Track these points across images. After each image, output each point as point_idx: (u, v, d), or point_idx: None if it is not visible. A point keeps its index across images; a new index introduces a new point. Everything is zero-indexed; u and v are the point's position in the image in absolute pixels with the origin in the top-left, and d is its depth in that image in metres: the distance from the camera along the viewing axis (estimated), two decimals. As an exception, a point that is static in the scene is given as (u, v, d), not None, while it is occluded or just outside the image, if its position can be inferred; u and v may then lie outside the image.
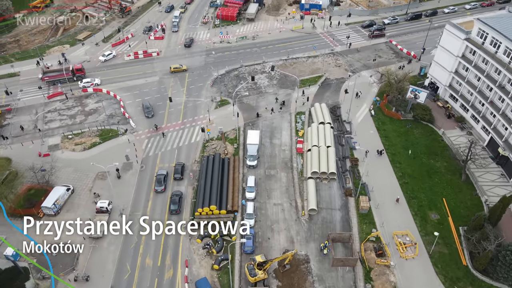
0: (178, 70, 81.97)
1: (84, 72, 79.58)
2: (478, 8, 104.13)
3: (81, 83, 77.74)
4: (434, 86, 75.33)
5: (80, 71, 78.96)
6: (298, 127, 68.86)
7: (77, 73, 78.68)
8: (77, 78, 78.62)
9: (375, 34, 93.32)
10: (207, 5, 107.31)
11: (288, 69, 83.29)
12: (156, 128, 67.56)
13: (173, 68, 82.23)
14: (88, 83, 77.87)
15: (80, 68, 79.30)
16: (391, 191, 57.36)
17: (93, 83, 77.95)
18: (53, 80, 78.03)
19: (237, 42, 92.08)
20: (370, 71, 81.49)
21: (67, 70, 78.40)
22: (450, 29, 68.26)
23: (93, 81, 78.38)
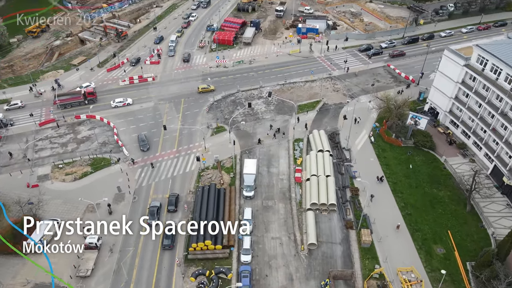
0: (206, 90, 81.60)
1: (96, 95, 78.97)
2: (475, 32, 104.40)
3: (113, 103, 77.47)
4: (434, 112, 74.04)
5: (92, 94, 78.32)
6: (296, 155, 66.97)
7: (88, 96, 77.96)
8: (89, 102, 77.78)
9: (395, 54, 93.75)
10: (204, 29, 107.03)
11: (286, 94, 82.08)
12: (133, 162, 64.20)
13: (201, 88, 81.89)
14: (121, 103, 77.55)
15: (92, 91, 78.55)
16: (393, 223, 55.03)
17: (125, 103, 77.61)
18: (64, 104, 77.07)
19: (233, 67, 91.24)
20: (368, 96, 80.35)
21: (79, 93, 77.76)
22: (448, 55, 67.45)
23: (125, 101, 77.92)
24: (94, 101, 78.54)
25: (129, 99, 78.92)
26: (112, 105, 77.60)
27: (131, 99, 79.08)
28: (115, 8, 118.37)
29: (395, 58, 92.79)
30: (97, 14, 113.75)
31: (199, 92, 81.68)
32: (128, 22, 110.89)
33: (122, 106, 77.40)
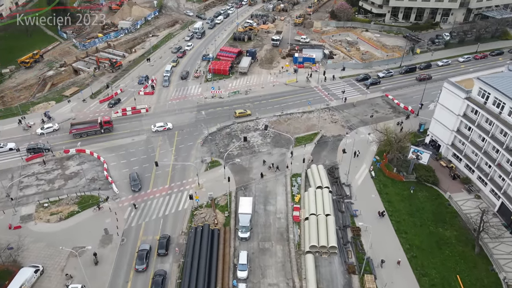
0: (243, 114, 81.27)
1: (112, 124, 77.39)
2: (472, 61, 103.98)
3: (154, 127, 76.89)
4: (436, 144, 71.87)
5: (108, 123, 76.85)
6: (294, 191, 64.03)
7: (105, 125, 76.53)
8: (105, 131, 76.48)
9: (422, 78, 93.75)
10: (199, 59, 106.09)
11: (283, 126, 79.92)
12: (98, 208, 60.01)
13: (238, 113, 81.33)
14: (161, 127, 77.02)
15: (109, 120, 77.00)
16: (399, 268, 51.61)
17: (166, 127, 77.11)
18: (80, 133, 75.53)
19: (229, 97, 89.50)
20: (367, 127, 78.32)
21: (95, 122, 76.54)
22: (449, 87, 65.87)
23: (166, 125, 77.31)
24: (110, 130, 77.00)
25: (169, 123, 78.31)
26: (153, 130, 77.18)
27: (171, 124, 78.30)
28: (111, 37, 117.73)
29: (422, 82, 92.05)
30: (92, 44, 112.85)
31: (236, 116, 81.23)
32: (123, 52, 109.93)
33: (163, 130, 77.05)
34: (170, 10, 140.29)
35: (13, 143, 73.70)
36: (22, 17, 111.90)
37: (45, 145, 72.57)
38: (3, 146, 72.88)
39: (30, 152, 71.15)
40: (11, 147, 72.62)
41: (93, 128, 76.08)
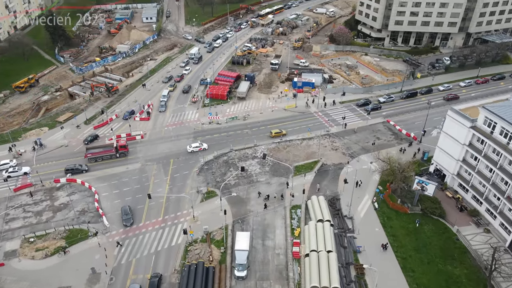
0: (279, 134, 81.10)
1: (128, 149, 76.40)
2: (473, 86, 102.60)
3: (189, 148, 76.57)
4: (441, 174, 69.24)
5: (124, 147, 75.61)
6: (294, 225, 60.93)
7: (120, 149, 75.21)
8: (120, 155, 75.22)
9: (450, 98, 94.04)
10: (197, 83, 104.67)
11: (282, 153, 77.45)
12: (64, 252, 55.55)
13: (274, 133, 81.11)
14: (196, 148, 76.58)
15: (125, 144, 75.83)
16: (406, 311, 48.16)
17: (201, 148, 76.70)
18: (95, 157, 73.86)
19: (227, 123, 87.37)
20: (369, 155, 75.83)
21: (110, 146, 75.54)
22: (453, 116, 63.75)
23: (202, 146, 77.00)
24: (126, 154, 75.93)
25: (205, 144, 77.91)
26: (189, 150, 76.69)
27: (206, 144, 77.72)
28: (108, 61, 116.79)
29: (450, 102, 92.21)
30: (89, 68, 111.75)
31: (272, 136, 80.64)
32: (120, 76, 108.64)
33: (198, 150, 76.53)
34: (169, 34, 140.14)
35: (28, 167, 72.23)
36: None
37: (83, 166, 72.05)
38: (18, 170, 71.44)
39: (68, 172, 70.46)
40: (26, 171, 71.32)
41: (108, 152, 74.85)
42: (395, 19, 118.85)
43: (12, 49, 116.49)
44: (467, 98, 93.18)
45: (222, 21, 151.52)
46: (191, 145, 77.65)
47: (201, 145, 77.57)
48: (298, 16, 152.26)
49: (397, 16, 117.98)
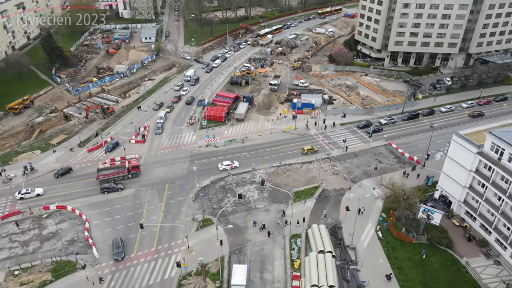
0: (311, 151, 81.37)
1: (140, 169, 75.15)
2: (475, 107, 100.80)
3: (221, 166, 76.38)
4: (446, 200, 66.53)
5: (136, 168, 74.68)
6: (294, 256, 57.85)
7: (133, 170, 74.19)
8: (132, 176, 74.14)
9: (475, 115, 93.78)
10: (195, 104, 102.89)
11: (281, 178, 74.85)
12: None
13: (307, 149, 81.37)
14: (228, 165, 76.48)
15: (137, 165, 74.97)
16: None
17: (233, 165, 76.51)
18: (107, 179, 72.02)
19: (224, 146, 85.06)
20: (371, 180, 73.23)
21: (123, 167, 74.18)
22: (458, 141, 61.53)
23: (233, 164, 76.75)
24: (138, 174, 74.79)
25: (236, 162, 77.33)
26: (220, 168, 76.21)
27: (237, 162, 77.23)
28: (105, 82, 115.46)
29: (476, 119, 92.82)
30: (86, 88, 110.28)
31: (304, 153, 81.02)
32: (117, 96, 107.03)
33: (230, 168, 76.06)
34: (167, 54, 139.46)
35: (41, 189, 70.56)
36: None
37: (118, 185, 71.49)
38: (31, 191, 69.85)
39: (104, 191, 70.20)
40: (39, 193, 69.86)
41: (121, 173, 73.38)
42: (394, 40, 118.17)
43: (8, 70, 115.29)
44: (492, 115, 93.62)
45: (221, 41, 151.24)
46: (222, 163, 77.22)
47: (233, 163, 77.18)
48: (297, 36, 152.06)
49: (397, 36, 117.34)
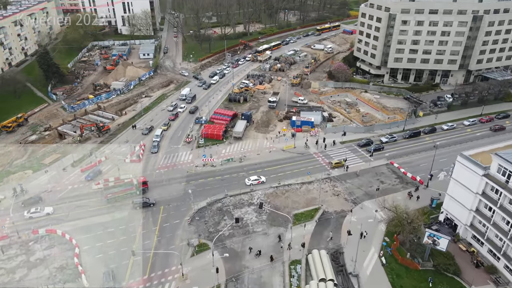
0: (339, 165, 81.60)
1: (148, 185, 75.05)
2: (478, 124, 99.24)
3: (248, 181, 76.14)
4: (452, 223, 64.04)
5: (145, 184, 74.67)
6: (294, 284, 55.00)
7: (141, 186, 73.63)
8: (140, 192, 73.48)
9: (497, 129, 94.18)
10: (192, 122, 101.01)
11: (280, 199, 72.40)
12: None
13: (335, 163, 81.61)
14: (255, 181, 76.26)
15: (145, 181, 75.24)
16: None
17: (260, 180, 76.14)
18: (116, 197, 71.09)
19: (222, 165, 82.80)
20: (373, 201, 70.86)
21: (131, 184, 74.02)
22: (463, 162, 59.43)
23: (260, 179, 76.39)
24: (146, 191, 74.29)
25: (262, 176, 76.95)
26: (248, 183, 75.86)
27: (265, 178, 76.95)
28: (102, 99, 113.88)
29: (497, 132, 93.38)
30: (82, 105, 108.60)
31: (333, 167, 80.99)
32: (113, 114, 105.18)
33: (257, 184, 75.73)
34: (165, 70, 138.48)
35: (50, 208, 68.87)
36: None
37: (150, 200, 71.08)
38: (40, 210, 68.22)
39: (136, 207, 69.76)
40: (48, 212, 68.24)
41: (128, 190, 72.73)
42: (394, 56, 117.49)
43: (4, 86, 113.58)
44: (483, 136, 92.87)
45: (220, 57, 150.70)
46: (249, 178, 76.65)
47: (260, 178, 76.58)
48: (296, 52, 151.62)
49: (396, 53, 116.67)
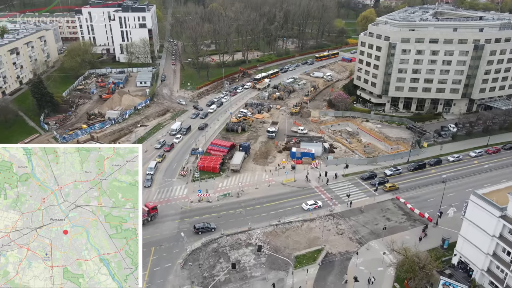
0: (393, 188, 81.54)
1: (157, 210, 73.88)
2: (484, 156, 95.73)
3: (306, 206, 75.66)
4: (467, 268, 59.11)
5: (155, 209, 73.43)
6: None
7: (152, 212, 72.64)
8: (152, 218, 72.07)
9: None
10: (188, 153, 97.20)
11: (280, 239, 67.64)
12: None
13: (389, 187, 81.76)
14: (313, 205, 75.84)
15: (155, 206, 74.11)
16: None
17: (317, 205, 75.92)
18: None
19: (218, 201, 78.39)
20: (380, 241, 66.18)
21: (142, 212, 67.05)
22: (477, 202, 55.24)
23: (317, 203, 76.28)
24: (155, 216, 73.27)
25: (319, 201, 76.77)
26: (305, 208, 75.15)
27: (321, 202, 76.94)
28: (96, 128, 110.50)
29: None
30: (74, 136, 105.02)
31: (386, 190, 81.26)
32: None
33: (315, 208, 75.40)
34: (162, 98, 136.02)
35: None
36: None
37: (211, 225, 70.02)
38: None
39: (199, 231, 68.69)
40: None
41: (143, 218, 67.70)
42: (395, 85, 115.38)
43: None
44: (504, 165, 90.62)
45: (218, 85, 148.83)
46: (307, 203, 75.97)
47: (317, 202, 76.42)
48: (295, 80, 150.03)
49: (397, 82, 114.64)
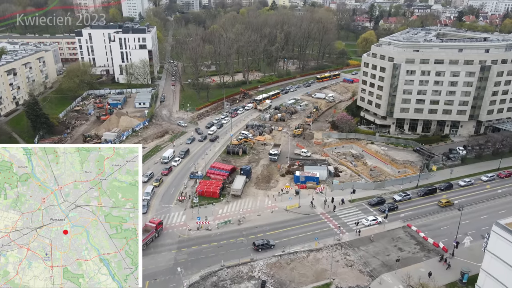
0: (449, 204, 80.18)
1: (162, 225, 73.46)
2: (497, 180, 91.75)
3: (366, 221, 74.37)
4: (490, 305, 54.02)
5: (161, 224, 73.06)
6: None
7: (158, 227, 71.80)
8: (159, 234, 71.53)
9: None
10: (187, 177, 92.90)
11: (285, 272, 62.58)
12: None
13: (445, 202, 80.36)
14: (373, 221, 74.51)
15: (161, 221, 73.69)
16: None
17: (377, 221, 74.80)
18: None
19: (218, 229, 73.60)
20: (393, 274, 61.19)
21: (151, 229, 70.29)
22: (500, 233, 50.71)
23: (377, 219, 75.20)
24: (161, 232, 72.77)
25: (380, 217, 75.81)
26: (366, 224, 74.09)
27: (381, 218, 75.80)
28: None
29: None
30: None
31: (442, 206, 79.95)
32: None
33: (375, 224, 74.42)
34: (161, 120, 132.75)
35: None
36: None
37: (271, 242, 68.60)
38: None
39: (259, 248, 67.12)
40: None
41: (151, 235, 69.15)
42: (400, 106, 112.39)
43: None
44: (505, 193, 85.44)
45: (218, 106, 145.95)
46: (367, 219, 74.90)
47: (377, 218, 75.31)
48: (297, 101, 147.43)
49: (402, 103, 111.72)
